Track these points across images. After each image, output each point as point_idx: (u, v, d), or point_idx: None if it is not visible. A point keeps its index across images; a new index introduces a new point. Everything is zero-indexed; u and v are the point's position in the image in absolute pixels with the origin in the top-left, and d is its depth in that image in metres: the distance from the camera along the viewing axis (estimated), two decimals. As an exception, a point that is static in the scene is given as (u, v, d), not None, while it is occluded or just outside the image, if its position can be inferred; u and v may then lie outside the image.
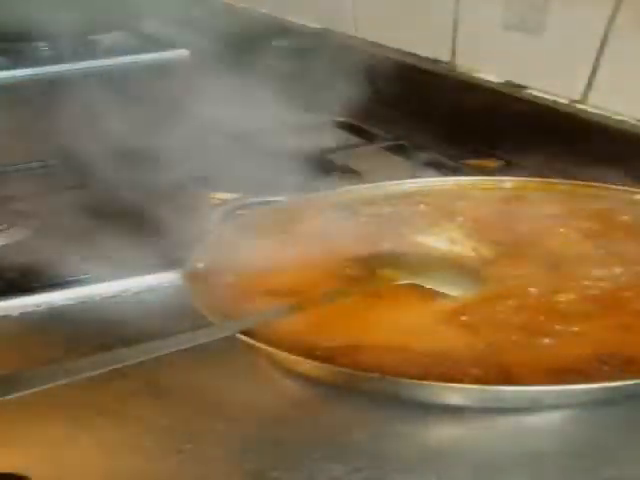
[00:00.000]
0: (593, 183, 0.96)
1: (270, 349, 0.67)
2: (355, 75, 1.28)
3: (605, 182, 0.96)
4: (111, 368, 0.62)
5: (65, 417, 0.66)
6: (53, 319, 0.80)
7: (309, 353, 0.66)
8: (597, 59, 1.13)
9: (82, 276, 0.84)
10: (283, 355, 0.66)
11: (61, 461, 0.62)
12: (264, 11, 1.80)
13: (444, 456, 0.62)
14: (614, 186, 0.95)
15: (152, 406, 0.67)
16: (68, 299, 0.82)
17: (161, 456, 0.62)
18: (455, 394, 0.64)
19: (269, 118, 1.30)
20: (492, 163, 1.06)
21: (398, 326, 0.72)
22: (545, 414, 0.65)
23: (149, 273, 0.84)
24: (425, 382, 0.63)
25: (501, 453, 0.62)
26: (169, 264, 0.84)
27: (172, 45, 1.79)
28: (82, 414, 0.66)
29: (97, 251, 0.87)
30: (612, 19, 1.09)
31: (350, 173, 1.07)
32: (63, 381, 0.59)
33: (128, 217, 0.95)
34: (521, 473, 0.59)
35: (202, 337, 0.67)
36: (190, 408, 0.67)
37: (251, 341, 0.67)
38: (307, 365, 0.66)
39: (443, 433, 0.65)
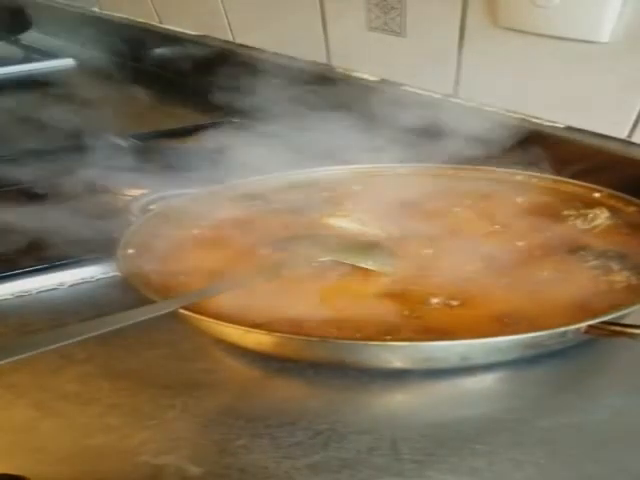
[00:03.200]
0: (479, 167, 0.99)
1: (218, 322, 0.66)
2: (241, 78, 1.28)
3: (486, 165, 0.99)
4: (61, 344, 0.60)
5: (27, 403, 0.65)
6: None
7: (249, 327, 0.66)
8: (459, 56, 1.15)
9: (16, 271, 0.82)
10: (230, 329, 0.66)
11: (30, 446, 0.61)
12: (141, 20, 1.78)
13: (395, 418, 0.63)
14: (497, 169, 0.98)
15: (110, 388, 0.67)
16: (4, 294, 0.80)
17: (129, 432, 0.61)
18: (392, 354, 0.65)
19: (163, 121, 1.29)
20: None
21: (325, 300, 0.73)
22: (479, 376, 0.68)
23: (83, 266, 0.82)
24: (362, 342, 0.65)
25: (445, 412, 0.64)
26: (100, 257, 0.83)
27: (57, 55, 1.76)
28: (44, 399, 0.65)
29: (28, 247, 0.85)
30: (463, 19, 1.12)
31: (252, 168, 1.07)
32: (13, 358, 0.57)
33: (49, 217, 0.93)
34: (465, 426, 0.61)
35: (147, 313, 0.66)
36: (147, 388, 0.66)
37: (197, 316, 0.67)
38: (254, 336, 0.66)
39: (390, 398, 0.67)
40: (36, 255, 0.84)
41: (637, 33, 0.92)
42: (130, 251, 0.79)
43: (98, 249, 0.84)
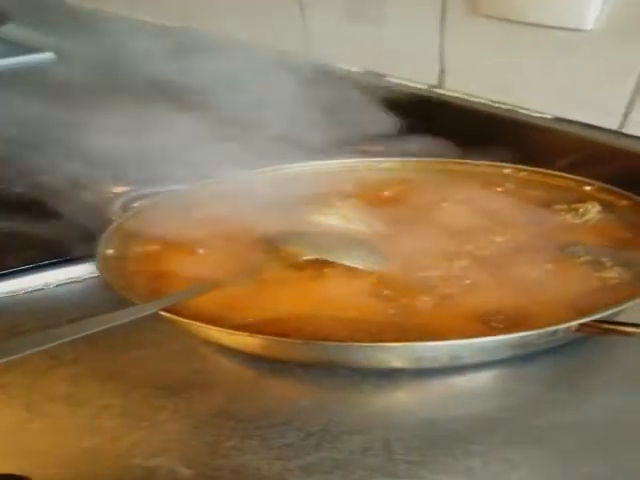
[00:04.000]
0: (466, 160, 0.98)
1: (200, 325, 0.66)
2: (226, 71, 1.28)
3: (472, 159, 0.99)
4: (44, 347, 0.60)
5: (17, 405, 0.65)
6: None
7: (235, 328, 0.66)
8: (441, 46, 1.15)
9: (1, 271, 0.82)
10: (213, 331, 0.66)
11: (21, 448, 0.61)
12: (124, 14, 1.78)
13: (388, 418, 0.63)
14: (485, 162, 0.98)
15: (100, 390, 0.67)
16: (-10, 294, 0.80)
17: (121, 434, 0.61)
18: (378, 354, 0.65)
19: (147, 115, 1.28)
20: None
21: (311, 299, 0.73)
22: (472, 374, 0.68)
23: (69, 266, 0.82)
24: (345, 344, 0.64)
25: (439, 411, 0.64)
26: (86, 257, 0.82)
27: (37, 49, 1.75)
28: (34, 400, 0.65)
29: (13, 247, 0.85)
30: (444, 7, 1.12)
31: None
32: (2, 360, 0.57)
33: (32, 214, 0.93)
34: (459, 426, 0.61)
35: (128, 315, 0.66)
36: (138, 389, 0.66)
37: (178, 318, 0.67)
38: (237, 338, 0.66)
39: (383, 397, 0.67)
40: (21, 255, 0.83)
41: (621, 20, 0.92)
42: (109, 251, 0.78)
43: (84, 248, 0.83)
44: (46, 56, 1.74)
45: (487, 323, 0.67)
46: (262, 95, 1.17)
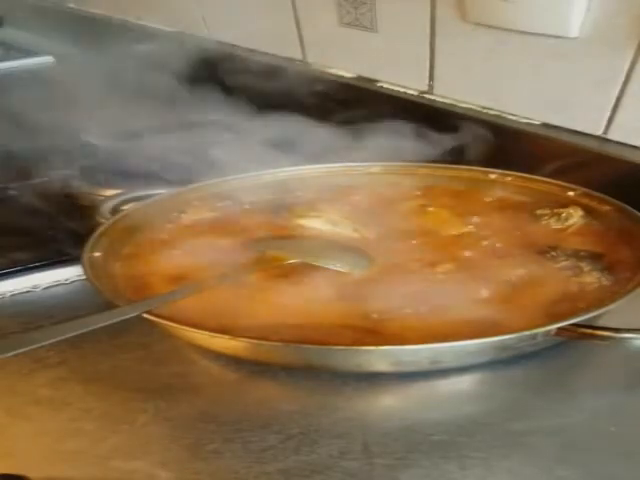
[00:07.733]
0: (453, 165, 0.98)
1: (183, 327, 0.65)
2: (219, 75, 1.27)
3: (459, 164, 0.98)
4: (25, 350, 0.60)
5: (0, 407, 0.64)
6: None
7: (218, 331, 0.65)
8: (432, 51, 1.14)
9: (-11, 274, 0.81)
10: (195, 334, 0.65)
11: (1, 451, 0.60)
12: (123, 18, 1.77)
13: (368, 422, 0.62)
14: (471, 167, 0.97)
15: (83, 392, 0.66)
16: (-21, 297, 0.79)
17: (101, 437, 0.60)
18: (358, 358, 0.64)
19: (141, 119, 1.27)
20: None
21: (295, 303, 0.72)
22: (453, 378, 0.66)
23: (57, 268, 0.81)
24: (326, 347, 0.63)
25: (418, 416, 0.63)
26: (74, 259, 0.82)
27: (36, 52, 1.74)
28: (16, 403, 0.65)
29: (1, 249, 0.84)
30: (433, 14, 1.11)
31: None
32: None
33: (23, 218, 0.92)
34: (438, 430, 0.60)
35: (111, 317, 0.65)
36: (119, 392, 0.66)
37: (161, 321, 0.66)
38: (219, 341, 0.65)
39: (363, 401, 0.65)
40: (10, 257, 0.83)
41: (606, 28, 0.91)
42: (97, 254, 0.77)
43: (73, 251, 0.82)
44: (45, 60, 1.73)
45: (468, 327, 0.66)
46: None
